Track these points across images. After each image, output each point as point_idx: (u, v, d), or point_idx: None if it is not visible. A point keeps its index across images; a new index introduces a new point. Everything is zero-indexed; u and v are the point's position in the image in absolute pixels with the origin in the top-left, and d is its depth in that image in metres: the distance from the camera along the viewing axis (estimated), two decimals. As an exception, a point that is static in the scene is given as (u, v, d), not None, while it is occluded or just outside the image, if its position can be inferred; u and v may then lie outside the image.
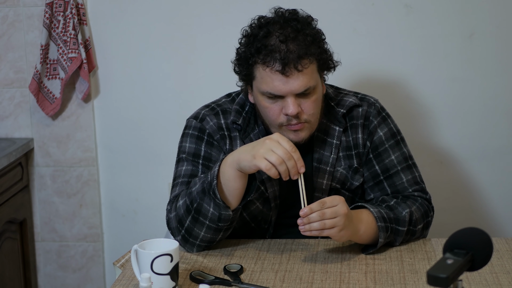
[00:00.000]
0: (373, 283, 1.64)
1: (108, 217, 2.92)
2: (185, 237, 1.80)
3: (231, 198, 1.73)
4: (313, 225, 1.67)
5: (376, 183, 1.94)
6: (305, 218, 1.68)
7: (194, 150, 1.92)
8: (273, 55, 1.75)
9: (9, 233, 2.73)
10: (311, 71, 1.79)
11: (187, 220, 1.78)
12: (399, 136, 1.98)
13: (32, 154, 2.88)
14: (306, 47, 1.76)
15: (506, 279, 1.65)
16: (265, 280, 1.66)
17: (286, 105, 1.78)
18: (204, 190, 1.74)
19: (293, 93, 1.77)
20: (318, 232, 1.68)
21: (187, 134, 1.95)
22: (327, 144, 1.93)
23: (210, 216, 1.74)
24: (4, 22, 2.78)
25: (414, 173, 1.95)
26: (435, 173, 2.70)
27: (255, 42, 1.80)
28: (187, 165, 1.90)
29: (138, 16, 2.73)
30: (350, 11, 2.64)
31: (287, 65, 1.74)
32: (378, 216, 1.78)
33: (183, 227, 1.79)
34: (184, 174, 1.89)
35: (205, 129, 1.93)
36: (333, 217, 1.68)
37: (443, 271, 1.15)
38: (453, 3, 2.63)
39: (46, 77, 2.76)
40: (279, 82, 1.76)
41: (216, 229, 1.77)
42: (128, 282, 1.67)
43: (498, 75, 2.67)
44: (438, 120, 2.71)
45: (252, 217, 1.94)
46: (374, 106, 1.97)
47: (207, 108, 1.97)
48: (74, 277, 2.95)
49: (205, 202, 1.74)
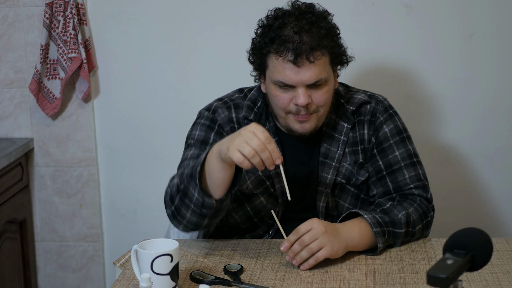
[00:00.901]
0: (373, 283, 1.64)
1: (108, 217, 2.92)
2: (174, 214, 1.80)
3: (214, 187, 1.70)
4: (301, 254, 1.70)
5: (379, 178, 1.94)
6: (290, 252, 1.71)
7: (203, 137, 1.93)
8: (286, 45, 1.78)
9: (9, 233, 2.73)
10: (323, 63, 1.81)
11: (176, 199, 1.77)
12: (405, 134, 1.98)
13: (32, 154, 2.88)
14: (319, 39, 1.79)
15: (506, 279, 1.65)
16: (265, 280, 1.66)
17: (297, 95, 1.80)
18: (192, 174, 1.72)
19: (304, 84, 1.80)
20: (314, 260, 1.70)
21: (198, 123, 1.97)
22: (335, 140, 1.94)
23: (195, 201, 1.72)
24: (4, 22, 2.78)
25: (418, 170, 1.95)
26: (435, 173, 2.70)
27: (269, 32, 1.82)
28: (195, 150, 1.91)
29: (138, 16, 2.73)
30: (350, 11, 2.64)
31: (299, 55, 1.77)
32: (373, 222, 1.78)
33: (173, 204, 1.79)
34: (190, 157, 1.89)
35: (217, 120, 1.94)
36: (314, 240, 1.69)
37: (443, 271, 1.15)
38: (453, 3, 2.63)
39: (46, 77, 2.76)
40: (290, 72, 1.79)
41: (200, 214, 1.75)
42: (128, 282, 1.67)
43: (498, 75, 2.67)
44: (438, 120, 2.71)
45: (255, 212, 1.94)
46: (382, 103, 1.98)
47: (220, 101, 1.98)
48: (74, 277, 2.95)
49: (191, 186, 1.72)
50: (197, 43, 2.73)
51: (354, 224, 1.79)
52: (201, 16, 2.71)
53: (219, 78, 2.73)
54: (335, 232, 1.73)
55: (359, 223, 1.79)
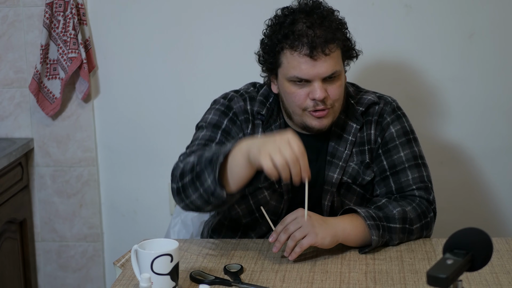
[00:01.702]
0: (373, 283, 1.64)
1: (108, 217, 2.92)
2: (179, 190, 1.76)
3: (231, 181, 1.67)
4: (288, 244, 1.73)
5: (382, 178, 1.94)
6: (276, 242, 1.73)
7: (215, 121, 1.92)
8: (301, 39, 1.79)
9: (9, 233, 2.73)
10: (337, 56, 1.83)
11: (187, 177, 1.73)
12: (412, 136, 1.98)
13: (32, 154, 2.88)
14: (332, 32, 1.81)
15: (506, 279, 1.65)
16: (265, 280, 1.66)
17: (313, 89, 1.81)
18: (211, 161, 1.67)
19: (320, 77, 1.80)
20: (299, 248, 1.72)
21: (213, 108, 1.96)
22: (343, 140, 1.94)
23: (206, 187, 1.68)
24: (4, 22, 2.78)
25: (422, 172, 1.95)
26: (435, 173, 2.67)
27: (282, 29, 1.83)
28: (206, 131, 1.91)
29: (138, 16, 2.74)
30: (350, 11, 2.62)
31: (315, 49, 1.78)
32: (366, 216, 1.79)
33: (182, 181, 1.75)
34: (202, 138, 1.89)
35: (232, 107, 1.94)
36: (298, 228, 1.72)
37: (443, 271, 1.15)
38: (453, 3, 2.63)
39: (46, 77, 2.76)
40: (306, 66, 1.80)
41: (207, 201, 1.71)
42: (128, 282, 1.67)
43: (498, 75, 2.67)
44: (438, 120, 2.72)
45: (258, 206, 1.94)
46: (390, 104, 1.99)
47: (236, 93, 1.98)
48: (74, 277, 2.95)
49: (207, 171, 1.68)
50: (197, 43, 2.73)
51: (345, 217, 1.80)
52: (201, 16, 2.71)
53: (220, 78, 2.73)
54: (321, 221, 1.75)
55: (351, 216, 1.80)
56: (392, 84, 2.69)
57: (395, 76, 2.70)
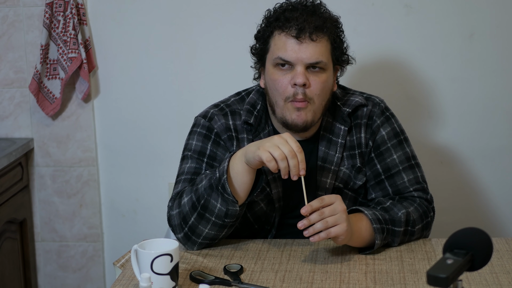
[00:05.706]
0: (373, 283, 1.64)
1: (108, 217, 2.92)
2: (187, 235, 1.81)
3: (240, 192, 1.74)
4: (316, 226, 1.67)
5: (377, 182, 1.94)
6: (305, 220, 1.67)
7: (200, 148, 1.92)
8: (291, 21, 1.83)
9: (9, 233, 2.73)
10: (325, 47, 1.83)
11: (192, 217, 1.78)
12: (403, 136, 1.97)
13: (32, 154, 2.88)
14: (322, 21, 1.84)
15: (506, 279, 1.65)
16: (265, 280, 1.66)
17: (295, 74, 1.81)
18: (212, 186, 1.74)
19: (304, 62, 1.81)
20: (325, 234, 1.67)
21: (195, 132, 1.96)
22: (332, 143, 1.93)
23: (217, 212, 1.75)
24: (4, 22, 2.78)
25: (416, 173, 1.94)
26: (435, 173, 2.70)
27: (275, 14, 1.88)
28: (191, 163, 1.91)
29: (138, 16, 2.74)
30: (350, 11, 2.64)
31: (302, 31, 1.80)
32: (373, 219, 1.78)
33: (187, 224, 1.79)
34: (187, 172, 1.90)
35: (213, 128, 1.93)
36: (332, 214, 1.68)
37: (443, 271, 1.15)
38: (453, 3, 2.63)
39: (46, 77, 2.76)
40: (292, 47, 1.81)
41: (222, 225, 1.77)
42: (128, 282, 1.67)
43: (498, 75, 2.67)
44: (438, 120, 2.72)
45: (255, 218, 1.94)
46: (379, 106, 1.97)
47: (216, 108, 1.97)
48: (74, 277, 2.95)
49: (212, 198, 1.74)
50: (197, 43, 2.73)
51: (357, 217, 1.79)
52: (201, 16, 2.71)
53: (219, 78, 2.73)
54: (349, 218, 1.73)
55: (360, 217, 1.79)
56: (392, 84, 2.69)
57: (395, 76, 2.70)
